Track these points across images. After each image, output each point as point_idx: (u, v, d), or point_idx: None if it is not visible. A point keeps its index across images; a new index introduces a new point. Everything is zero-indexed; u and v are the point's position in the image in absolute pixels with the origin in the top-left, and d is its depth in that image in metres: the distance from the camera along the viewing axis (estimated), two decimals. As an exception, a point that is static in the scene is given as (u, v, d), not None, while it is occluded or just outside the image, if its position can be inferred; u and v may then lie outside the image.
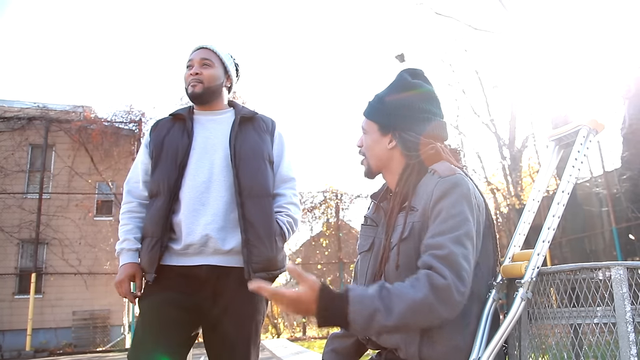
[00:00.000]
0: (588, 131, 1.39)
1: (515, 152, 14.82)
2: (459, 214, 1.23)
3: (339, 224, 13.35)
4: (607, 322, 1.13)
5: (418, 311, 1.15)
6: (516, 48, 13.56)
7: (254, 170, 1.95)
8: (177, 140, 1.98)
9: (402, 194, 1.39)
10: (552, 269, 1.25)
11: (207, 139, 2.00)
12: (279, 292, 1.20)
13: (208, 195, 1.89)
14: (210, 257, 1.84)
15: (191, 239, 1.84)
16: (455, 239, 1.21)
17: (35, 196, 12.78)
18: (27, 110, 13.32)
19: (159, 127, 2.08)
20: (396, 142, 1.41)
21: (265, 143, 2.05)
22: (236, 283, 1.85)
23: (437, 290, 1.16)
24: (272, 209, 1.98)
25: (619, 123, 9.69)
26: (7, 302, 12.10)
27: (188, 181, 1.91)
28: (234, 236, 1.87)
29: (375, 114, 1.46)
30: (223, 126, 2.03)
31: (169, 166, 1.93)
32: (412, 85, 1.44)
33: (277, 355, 6.89)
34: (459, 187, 1.26)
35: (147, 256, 1.88)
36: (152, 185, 1.97)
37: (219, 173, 1.93)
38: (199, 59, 2.05)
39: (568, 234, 10.35)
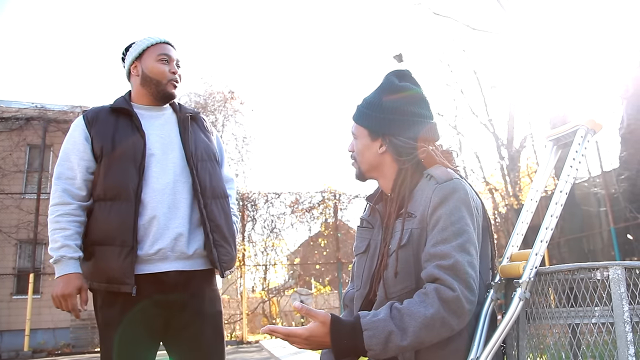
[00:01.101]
0: (586, 131, 1.39)
1: (513, 152, 14.83)
2: (459, 221, 1.23)
3: (337, 224, 13.33)
4: (605, 322, 1.13)
5: (431, 327, 1.16)
6: (514, 48, 13.57)
7: (211, 172, 1.93)
8: (130, 139, 1.83)
9: (398, 200, 1.38)
10: (550, 269, 1.25)
11: (160, 137, 1.89)
12: (292, 332, 1.22)
13: (174, 197, 1.82)
14: (175, 262, 1.79)
15: (161, 244, 1.76)
16: (459, 246, 1.21)
17: (33, 196, 12.76)
18: (25, 111, 13.29)
19: (99, 120, 1.88)
20: (386, 147, 1.40)
21: (212, 143, 2.03)
22: (204, 283, 1.87)
23: (447, 303, 1.16)
24: (229, 209, 1.98)
25: (617, 123, 9.71)
26: (5, 303, 12.08)
27: (151, 184, 1.80)
28: (197, 238, 1.84)
29: (364, 119, 1.45)
30: (169, 124, 1.95)
31: (128, 168, 1.79)
32: (399, 88, 1.42)
33: (275, 355, 6.89)
34: (456, 192, 1.26)
35: (117, 266, 1.71)
36: (106, 188, 1.78)
37: (180, 174, 1.86)
38: (175, 58, 1.97)
39: (566, 234, 10.36)
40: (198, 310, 1.83)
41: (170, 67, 1.94)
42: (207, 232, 1.83)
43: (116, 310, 1.74)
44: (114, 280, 1.71)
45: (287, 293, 13.52)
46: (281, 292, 13.56)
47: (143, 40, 1.97)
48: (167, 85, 1.93)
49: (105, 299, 1.77)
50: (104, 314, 1.77)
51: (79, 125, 1.89)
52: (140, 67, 1.95)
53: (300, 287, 13.99)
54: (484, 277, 1.32)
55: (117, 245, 1.72)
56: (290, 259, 15.02)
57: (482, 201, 1.37)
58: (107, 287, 1.73)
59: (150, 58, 1.93)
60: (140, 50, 1.95)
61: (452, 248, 1.20)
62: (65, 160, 1.85)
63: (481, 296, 1.29)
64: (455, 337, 1.23)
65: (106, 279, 1.73)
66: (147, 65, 1.93)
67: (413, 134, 1.39)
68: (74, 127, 1.89)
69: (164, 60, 1.93)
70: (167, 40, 1.98)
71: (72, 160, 1.84)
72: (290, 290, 13.50)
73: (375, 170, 1.45)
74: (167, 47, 1.97)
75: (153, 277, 1.75)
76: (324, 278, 16.10)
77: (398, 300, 1.25)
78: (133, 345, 1.74)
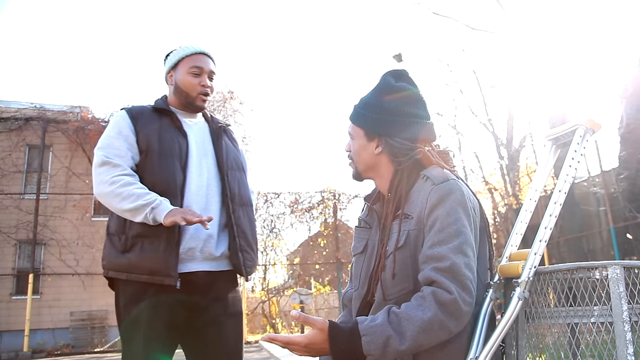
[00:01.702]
0: (585, 130, 1.39)
1: (512, 151, 14.83)
2: (456, 222, 1.23)
3: (337, 224, 13.34)
4: (604, 322, 1.13)
5: (429, 330, 1.16)
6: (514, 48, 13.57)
7: (240, 180, 2.00)
8: (175, 137, 1.89)
9: (395, 201, 1.38)
10: (550, 269, 1.25)
11: (196, 142, 1.95)
12: (291, 340, 1.23)
13: (207, 199, 1.88)
14: (203, 262, 1.83)
15: (192, 243, 1.80)
16: (455, 248, 1.21)
17: (32, 197, 12.75)
18: (25, 111, 13.28)
19: (143, 116, 1.92)
20: (382, 148, 1.41)
21: (240, 154, 2.11)
22: (228, 284, 1.93)
23: (444, 306, 1.16)
24: (254, 217, 2.06)
25: (616, 122, 9.71)
26: (4, 303, 12.07)
27: (190, 184, 1.86)
28: (223, 242, 1.88)
29: (360, 119, 1.45)
30: (203, 132, 2.01)
31: (174, 166, 1.84)
32: (396, 88, 1.42)
33: (275, 355, 6.89)
34: (453, 193, 1.26)
35: (163, 258, 1.73)
36: (155, 182, 1.80)
37: (212, 178, 1.92)
38: (208, 70, 1.99)
39: (565, 233, 10.36)
40: (221, 311, 1.87)
41: (201, 80, 1.96)
42: (234, 236, 1.88)
43: (144, 305, 1.74)
44: (157, 273, 1.72)
45: (287, 293, 13.52)
46: (281, 292, 13.56)
47: (180, 49, 2.01)
48: (196, 99, 1.97)
49: (134, 293, 1.77)
50: (130, 309, 1.77)
51: (123, 117, 1.90)
52: (174, 77, 1.99)
53: (300, 287, 13.98)
54: (482, 278, 1.32)
55: (164, 238, 1.74)
56: (289, 258, 15.02)
57: (479, 201, 1.37)
58: (149, 279, 1.73)
59: (183, 69, 1.97)
60: (176, 61, 1.99)
61: (448, 250, 1.20)
62: (111, 147, 1.83)
63: (479, 297, 1.29)
64: (454, 338, 1.23)
65: (149, 271, 1.73)
66: (179, 76, 1.97)
67: (409, 135, 1.39)
68: (119, 119, 1.90)
69: (196, 73, 1.96)
70: (203, 51, 2.00)
71: (118, 147, 1.83)
72: (289, 290, 13.49)
73: (372, 170, 1.45)
74: (202, 58, 1.99)
75: (183, 277, 1.77)
76: (323, 278, 16.11)
77: (396, 301, 1.25)
78: (157, 342, 1.75)
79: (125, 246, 1.78)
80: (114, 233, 1.83)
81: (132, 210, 1.72)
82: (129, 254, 1.77)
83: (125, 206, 1.72)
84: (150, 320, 1.74)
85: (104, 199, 1.79)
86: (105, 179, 1.76)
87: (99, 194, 1.80)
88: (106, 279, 1.86)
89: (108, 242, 1.85)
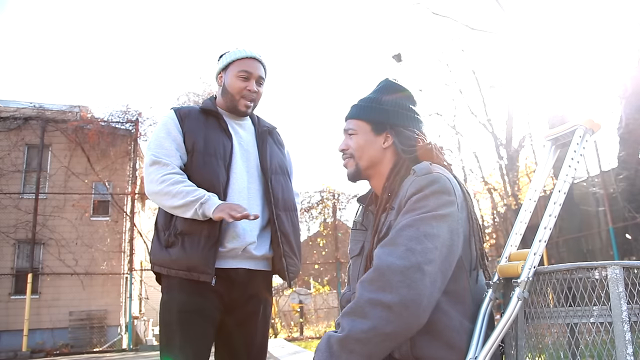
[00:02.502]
0: (584, 131, 1.39)
1: (512, 151, 14.85)
2: (422, 208, 1.24)
3: (336, 223, 13.35)
4: (604, 322, 1.13)
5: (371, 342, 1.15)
6: (513, 48, 13.59)
7: (284, 185, 2.02)
8: (220, 138, 1.91)
9: (386, 193, 1.40)
10: (549, 269, 1.25)
11: (240, 144, 1.97)
12: None
13: (248, 201, 1.89)
14: (245, 261, 1.87)
15: (237, 242, 1.83)
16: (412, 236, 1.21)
17: (31, 196, 12.74)
18: (24, 110, 13.28)
19: (190, 116, 1.95)
20: (392, 139, 1.42)
21: (286, 159, 2.12)
22: (263, 285, 1.96)
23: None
24: (298, 222, 2.07)
25: (615, 123, 9.72)
26: (3, 303, 12.06)
27: (233, 184, 1.88)
28: (264, 244, 1.91)
29: (367, 112, 1.46)
30: (248, 134, 2.03)
31: (218, 165, 1.86)
32: (400, 87, 1.49)
33: (274, 355, 6.89)
34: (432, 185, 1.27)
35: (202, 255, 1.76)
36: (199, 181, 1.83)
37: (254, 181, 1.94)
38: (257, 75, 1.99)
39: (565, 233, 10.37)
40: (254, 311, 1.91)
41: (248, 85, 1.96)
42: (279, 242, 1.91)
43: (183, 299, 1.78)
44: (194, 269, 1.76)
45: (286, 293, 13.52)
46: (280, 292, 13.56)
47: (232, 52, 2.02)
48: (239, 102, 1.97)
49: (174, 287, 1.81)
50: (171, 302, 1.80)
51: (172, 117, 1.94)
52: (223, 79, 2.01)
53: (299, 287, 13.99)
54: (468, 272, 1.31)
55: (204, 235, 1.78)
56: (289, 258, 14.99)
57: (468, 197, 1.36)
58: (186, 274, 1.77)
59: (232, 72, 1.98)
60: (227, 63, 2.00)
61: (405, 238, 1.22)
62: (160, 147, 1.86)
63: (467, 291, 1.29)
64: (451, 332, 1.24)
65: (187, 267, 1.77)
66: (228, 78, 1.99)
67: (416, 128, 1.45)
68: (168, 119, 1.94)
69: (244, 77, 1.96)
70: (253, 55, 2.00)
71: (167, 147, 1.87)
72: (289, 290, 13.49)
73: (374, 167, 1.45)
74: (252, 63, 1.99)
75: (224, 272, 1.81)
76: (322, 278, 16.11)
77: None
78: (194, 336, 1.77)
79: (168, 242, 1.81)
80: (161, 229, 1.86)
81: (182, 207, 1.75)
82: (171, 249, 1.80)
83: (175, 203, 1.76)
84: (188, 314, 1.77)
85: (155, 197, 1.82)
86: (156, 178, 1.81)
87: (150, 192, 1.83)
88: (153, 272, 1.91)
89: (155, 237, 1.89)
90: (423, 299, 1.15)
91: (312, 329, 13.22)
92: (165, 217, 1.86)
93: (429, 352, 1.23)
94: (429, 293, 1.16)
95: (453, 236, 1.24)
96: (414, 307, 1.14)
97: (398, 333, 1.15)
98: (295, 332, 12.89)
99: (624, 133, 9.33)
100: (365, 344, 1.13)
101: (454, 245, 1.24)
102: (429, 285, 1.16)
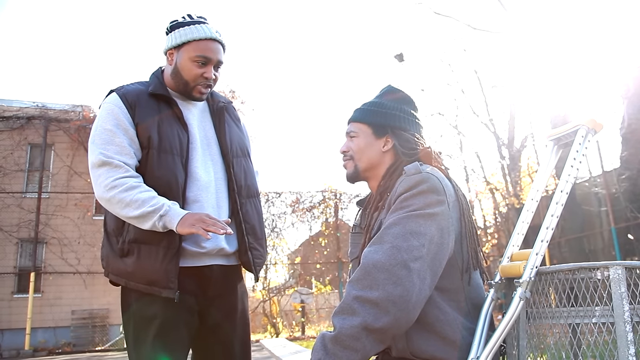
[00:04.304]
0: (587, 131, 1.39)
1: (514, 151, 14.83)
2: (409, 206, 1.26)
3: (338, 223, 13.34)
4: (606, 322, 1.13)
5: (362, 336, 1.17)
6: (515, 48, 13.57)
7: (246, 169, 1.86)
8: (175, 130, 1.70)
9: (379, 193, 1.43)
10: (551, 269, 1.25)
11: (197, 130, 1.78)
12: None
13: (217, 195, 1.75)
14: (219, 258, 1.75)
15: (209, 243, 1.68)
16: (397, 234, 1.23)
17: (34, 195, 12.76)
18: (26, 110, 13.29)
19: (140, 103, 1.70)
20: (393, 142, 1.45)
21: (245, 136, 1.94)
22: (236, 280, 1.85)
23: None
24: (261, 208, 1.92)
25: (618, 123, 9.70)
26: (6, 301, 12.08)
27: (195, 181, 1.70)
28: (233, 238, 1.78)
29: (369, 115, 1.49)
30: (204, 116, 1.84)
31: (175, 163, 1.66)
32: (403, 93, 1.53)
33: (275, 354, 6.89)
34: (420, 185, 1.28)
35: (162, 268, 1.59)
36: (155, 184, 1.64)
37: (218, 172, 1.78)
38: (216, 60, 1.76)
39: (567, 233, 10.35)
40: (232, 307, 1.81)
41: (205, 71, 1.74)
42: (243, 234, 1.77)
43: (157, 307, 1.62)
44: (154, 284, 1.60)
45: (288, 292, 13.52)
46: (282, 292, 13.56)
47: (188, 29, 1.75)
48: (194, 89, 1.76)
49: (137, 299, 1.66)
50: (142, 312, 1.64)
51: (118, 105, 1.67)
52: (175, 58, 1.76)
53: (301, 287, 13.99)
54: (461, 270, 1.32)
55: (163, 246, 1.61)
56: (290, 258, 15.02)
57: (462, 198, 1.37)
58: (147, 289, 1.61)
59: (188, 54, 1.73)
60: (181, 42, 1.74)
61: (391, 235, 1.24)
62: (109, 143, 1.62)
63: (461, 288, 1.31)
64: (446, 327, 1.25)
65: (147, 280, 1.61)
66: (181, 60, 1.74)
67: (416, 132, 1.49)
68: (113, 107, 1.67)
69: (201, 63, 1.73)
70: (213, 36, 1.75)
71: (117, 143, 1.63)
72: (290, 289, 13.49)
73: (372, 169, 1.48)
74: (212, 45, 1.74)
75: (199, 271, 1.69)
76: (324, 277, 16.10)
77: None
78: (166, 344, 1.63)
79: (122, 250, 1.65)
80: (112, 233, 1.69)
81: (138, 218, 1.57)
82: (127, 259, 1.64)
83: (130, 213, 1.56)
84: (160, 327, 1.62)
85: (107, 204, 1.62)
86: (106, 183, 1.59)
87: (100, 198, 1.62)
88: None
89: (106, 241, 1.72)
90: (411, 296, 1.17)
91: (313, 329, 13.22)
92: (116, 221, 1.66)
93: (426, 347, 1.25)
94: (418, 290, 1.18)
95: (443, 234, 1.26)
96: (402, 303, 1.16)
97: (388, 328, 1.16)
98: (297, 331, 12.89)
99: (626, 133, 9.30)
100: (358, 339, 1.15)
101: (444, 243, 1.26)
102: (417, 282, 1.18)
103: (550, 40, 11.14)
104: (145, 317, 1.64)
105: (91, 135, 1.68)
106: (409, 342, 1.26)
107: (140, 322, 1.65)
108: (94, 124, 1.70)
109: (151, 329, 1.62)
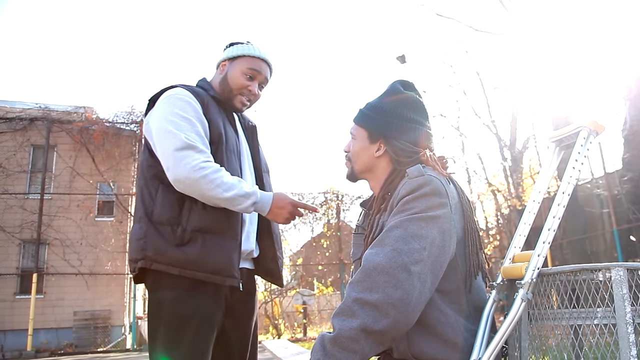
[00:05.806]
0: (589, 132, 1.39)
1: (516, 153, 14.81)
2: (411, 209, 1.26)
3: (340, 224, 13.35)
4: (608, 323, 1.13)
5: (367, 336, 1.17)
6: (517, 49, 13.57)
7: (269, 184, 1.99)
8: (233, 134, 1.82)
9: (381, 196, 1.43)
10: (553, 270, 1.26)
11: (241, 141, 1.90)
12: None
13: None
14: (247, 261, 1.85)
15: (248, 245, 1.80)
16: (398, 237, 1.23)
17: (36, 196, 12.78)
18: (29, 111, 13.33)
19: (209, 105, 1.78)
20: (385, 149, 1.45)
21: (264, 156, 2.07)
22: (255, 286, 1.95)
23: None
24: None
25: (620, 124, 9.68)
26: (8, 302, 12.10)
27: None
28: (257, 245, 1.89)
29: (366, 120, 1.50)
30: (240, 130, 1.95)
31: (237, 164, 1.77)
32: (402, 94, 1.49)
33: (277, 355, 6.90)
34: (422, 187, 1.28)
35: (228, 258, 1.65)
36: None
37: (253, 181, 1.90)
38: (263, 77, 1.90)
39: (569, 235, 10.33)
40: (251, 310, 1.88)
41: (251, 85, 1.87)
42: (273, 241, 1.90)
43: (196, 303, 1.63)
44: (220, 272, 1.63)
45: (290, 294, 13.53)
46: (283, 293, 13.56)
47: (245, 46, 1.91)
48: (236, 98, 1.86)
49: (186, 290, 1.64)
50: (180, 306, 1.63)
51: (193, 99, 1.74)
52: (227, 68, 1.88)
53: (303, 288, 13.99)
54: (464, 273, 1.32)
55: (230, 237, 1.68)
56: (292, 259, 15.02)
57: (465, 201, 1.38)
58: (207, 277, 1.62)
59: (240, 66, 1.86)
60: (236, 55, 1.88)
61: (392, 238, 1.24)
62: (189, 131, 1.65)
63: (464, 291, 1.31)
64: (447, 329, 1.25)
65: (211, 269, 1.63)
66: (233, 70, 1.87)
67: (411, 139, 1.44)
68: (190, 100, 1.73)
69: (249, 76, 1.86)
70: (265, 58, 1.90)
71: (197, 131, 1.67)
72: (292, 290, 13.49)
73: (368, 172, 1.50)
74: (262, 64, 1.89)
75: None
76: (326, 279, 16.11)
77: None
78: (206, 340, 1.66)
79: (182, 239, 1.62)
80: (164, 222, 1.65)
81: (228, 199, 1.60)
82: (187, 247, 1.62)
83: (221, 194, 1.58)
84: (200, 319, 1.64)
85: (192, 184, 1.59)
86: (194, 164, 1.58)
87: (186, 178, 1.58)
88: (138, 270, 1.67)
89: (153, 231, 1.65)
90: (411, 299, 1.17)
91: (315, 330, 13.22)
92: (171, 209, 1.65)
93: (427, 349, 1.25)
94: (418, 292, 1.18)
95: (445, 237, 1.26)
96: (402, 306, 1.16)
97: (387, 331, 1.17)
98: (299, 333, 12.89)
99: (629, 135, 9.28)
100: (356, 341, 1.16)
101: (445, 246, 1.26)
102: (417, 284, 1.19)
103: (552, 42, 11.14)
104: (182, 315, 1.63)
105: (167, 120, 1.67)
106: (411, 344, 1.26)
107: (175, 320, 1.63)
108: (163, 110, 1.71)
109: (189, 328, 1.62)
